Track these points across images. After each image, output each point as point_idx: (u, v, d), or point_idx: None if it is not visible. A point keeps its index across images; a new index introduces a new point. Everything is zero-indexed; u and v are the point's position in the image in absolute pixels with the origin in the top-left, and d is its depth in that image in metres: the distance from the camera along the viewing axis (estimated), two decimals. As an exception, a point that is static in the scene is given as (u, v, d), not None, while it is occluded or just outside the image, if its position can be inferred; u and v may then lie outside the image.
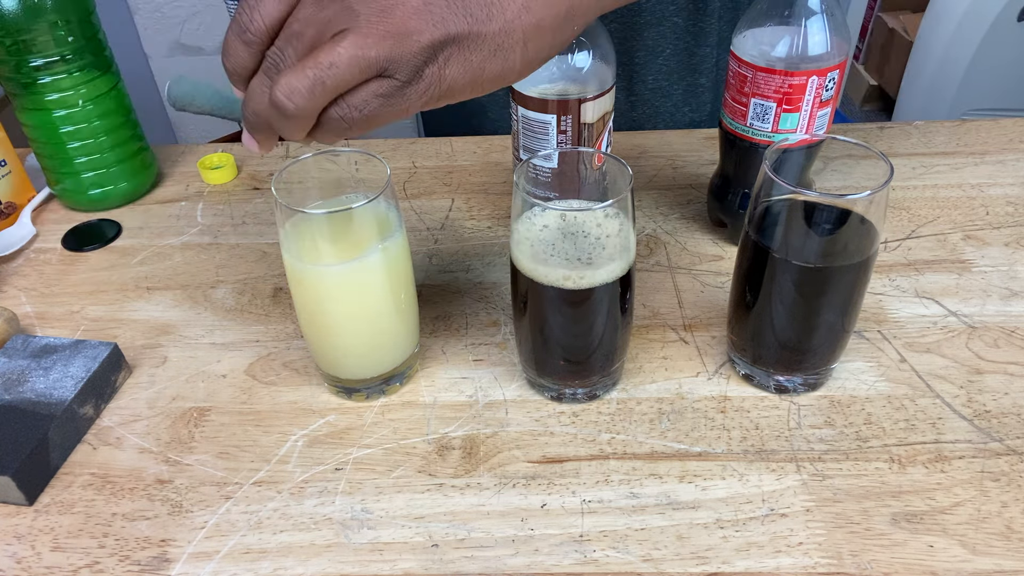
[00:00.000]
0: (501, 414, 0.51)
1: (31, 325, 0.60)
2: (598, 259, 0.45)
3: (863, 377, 0.52)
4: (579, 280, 0.44)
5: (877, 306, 0.57)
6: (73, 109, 0.67)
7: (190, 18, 1.91)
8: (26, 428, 0.47)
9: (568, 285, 0.44)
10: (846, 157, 0.46)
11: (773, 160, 0.45)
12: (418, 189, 0.73)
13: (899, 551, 0.42)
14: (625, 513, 0.44)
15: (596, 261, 0.45)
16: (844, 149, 0.46)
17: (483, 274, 0.63)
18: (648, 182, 0.72)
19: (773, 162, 0.44)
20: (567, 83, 0.56)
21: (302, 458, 0.48)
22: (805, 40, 0.52)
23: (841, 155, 0.47)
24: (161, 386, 0.54)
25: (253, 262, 0.65)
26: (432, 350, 0.56)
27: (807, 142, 0.51)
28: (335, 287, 0.47)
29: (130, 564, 0.43)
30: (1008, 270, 0.60)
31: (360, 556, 0.43)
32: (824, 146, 0.48)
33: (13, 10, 0.61)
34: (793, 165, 0.50)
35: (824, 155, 0.49)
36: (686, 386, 0.52)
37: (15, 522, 0.46)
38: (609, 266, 0.45)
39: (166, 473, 0.48)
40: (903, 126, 0.78)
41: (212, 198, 0.74)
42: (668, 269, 0.62)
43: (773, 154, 0.45)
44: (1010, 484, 0.45)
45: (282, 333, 0.58)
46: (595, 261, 0.45)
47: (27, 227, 0.69)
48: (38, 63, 0.64)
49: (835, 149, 0.47)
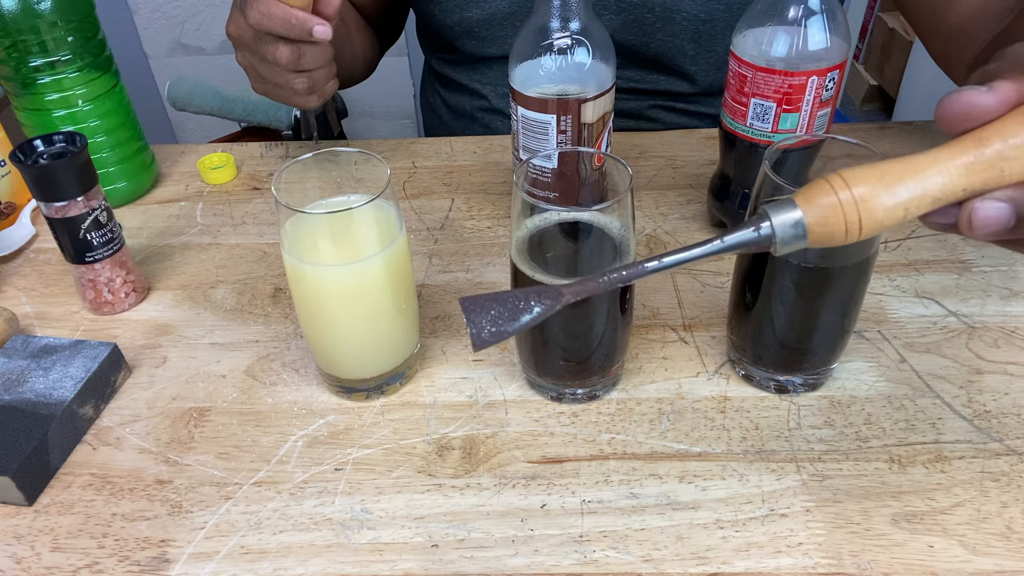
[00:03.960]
0: (501, 414, 0.51)
1: (31, 325, 0.60)
2: (598, 259, 0.45)
3: (863, 377, 0.52)
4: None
5: (877, 306, 0.57)
6: (73, 109, 0.67)
7: (190, 18, 1.91)
8: (26, 428, 0.47)
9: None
10: (846, 157, 0.46)
11: (773, 160, 0.45)
12: (418, 189, 0.73)
13: (899, 551, 0.42)
14: (625, 513, 0.44)
15: (596, 261, 0.45)
16: (844, 149, 0.46)
17: (483, 274, 0.63)
18: (648, 182, 0.72)
19: (773, 162, 0.44)
20: (567, 83, 0.56)
21: (302, 458, 0.48)
22: (805, 40, 0.52)
23: (841, 155, 0.47)
24: (161, 386, 0.54)
25: (253, 262, 0.65)
26: (432, 350, 0.56)
27: (807, 142, 0.51)
28: (335, 287, 0.47)
29: (130, 564, 0.43)
30: (1008, 270, 0.60)
31: (360, 556, 0.43)
32: (824, 146, 0.48)
33: (13, 10, 0.61)
34: (793, 165, 0.50)
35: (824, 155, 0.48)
36: (686, 386, 0.52)
37: (15, 522, 0.46)
38: (609, 266, 0.45)
39: (166, 473, 0.48)
40: (903, 126, 0.78)
41: (212, 198, 0.74)
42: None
43: (773, 154, 0.45)
44: (1010, 484, 0.45)
45: (282, 333, 0.58)
46: (595, 261, 0.45)
47: (27, 227, 0.69)
48: (38, 63, 0.64)
49: (835, 149, 0.47)
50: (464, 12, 0.77)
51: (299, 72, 0.61)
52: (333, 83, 0.66)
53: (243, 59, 0.64)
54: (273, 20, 0.56)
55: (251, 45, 0.61)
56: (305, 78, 0.62)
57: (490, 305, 0.34)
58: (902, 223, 0.33)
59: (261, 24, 0.57)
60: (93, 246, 0.56)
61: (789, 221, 0.33)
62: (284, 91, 0.63)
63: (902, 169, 0.32)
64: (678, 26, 0.75)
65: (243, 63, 0.64)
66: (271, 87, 0.64)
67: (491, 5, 0.76)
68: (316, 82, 0.63)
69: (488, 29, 0.78)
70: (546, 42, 0.55)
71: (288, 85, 0.62)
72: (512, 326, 0.34)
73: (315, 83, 0.63)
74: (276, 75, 0.62)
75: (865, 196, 0.32)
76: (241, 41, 0.62)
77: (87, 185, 0.55)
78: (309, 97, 0.64)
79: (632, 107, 0.82)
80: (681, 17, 0.74)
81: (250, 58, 0.63)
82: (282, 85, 0.62)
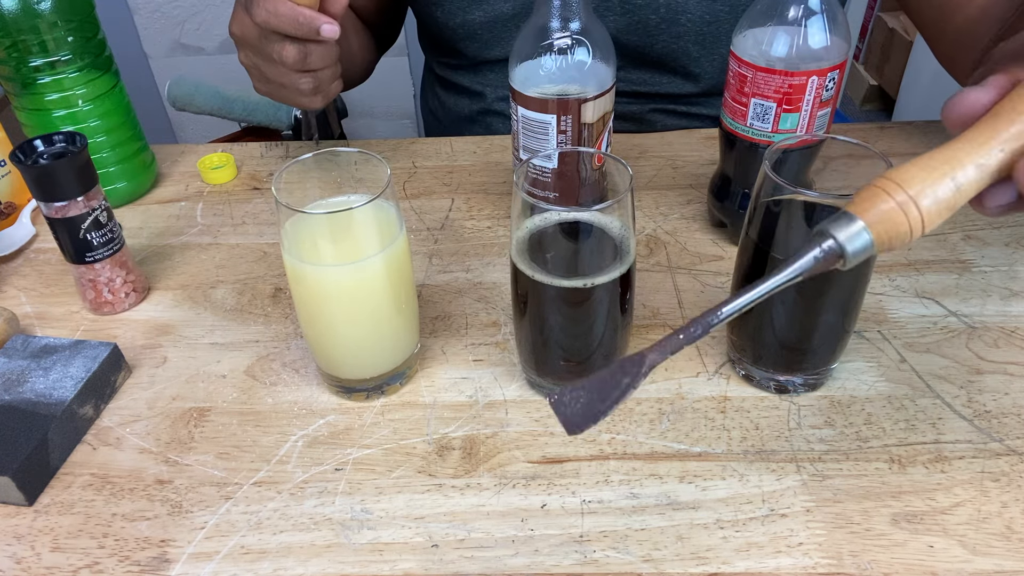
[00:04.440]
0: (501, 414, 0.51)
1: (31, 325, 0.60)
2: (598, 259, 0.45)
3: (863, 377, 0.52)
4: (579, 280, 0.44)
5: (877, 306, 0.57)
6: (73, 109, 0.67)
7: (190, 18, 1.91)
8: (26, 428, 0.47)
9: (568, 285, 0.44)
10: (846, 157, 0.46)
11: (773, 160, 0.45)
12: (418, 189, 0.73)
13: (899, 551, 0.42)
14: (625, 513, 0.44)
15: (596, 261, 0.45)
16: (844, 149, 0.46)
17: (483, 274, 0.63)
18: (648, 182, 0.72)
19: (773, 162, 0.44)
20: (567, 83, 0.56)
21: (302, 458, 0.48)
22: (805, 40, 0.52)
23: (841, 155, 0.47)
24: (161, 386, 0.54)
25: (253, 262, 0.65)
26: (432, 350, 0.56)
27: (807, 142, 0.51)
28: (335, 287, 0.47)
29: (130, 564, 0.43)
30: (1008, 270, 0.60)
31: (360, 556, 0.43)
32: (824, 146, 0.48)
33: (13, 10, 0.61)
34: (793, 165, 0.50)
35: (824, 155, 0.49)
36: (686, 386, 0.52)
37: (15, 522, 0.46)
38: (609, 266, 0.45)
39: (166, 473, 0.48)
40: (903, 126, 0.78)
41: (212, 198, 0.74)
42: (668, 269, 0.62)
43: (773, 154, 0.45)
44: (1010, 484, 0.45)
45: (282, 333, 0.58)
46: (595, 261, 0.45)
47: (27, 227, 0.69)
48: (38, 63, 0.64)
49: (835, 149, 0.47)
50: (466, 15, 0.77)
51: (305, 72, 0.60)
52: (338, 83, 0.65)
53: (246, 59, 0.63)
54: (280, 18, 0.56)
55: (255, 44, 0.60)
56: (310, 78, 0.61)
57: (578, 395, 0.34)
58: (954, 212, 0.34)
59: (268, 22, 0.56)
60: (93, 246, 0.57)
61: (854, 233, 0.34)
62: (288, 91, 0.63)
63: (944, 161, 0.33)
64: (682, 27, 0.75)
65: (246, 63, 0.63)
66: (275, 87, 0.63)
67: (493, 7, 0.76)
68: (321, 82, 0.62)
69: (490, 31, 0.78)
70: (546, 42, 0.55)
71: (293, 85, 0.61)
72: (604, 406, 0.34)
73: (320, 83, 0.62)
74: (281, 75, 0.61)
75: (920, 194, 0.33)
76: (245, 40, 0.61)
77: (87, 185, 0.55)
78: (314, 97, 0.63)
79: (633, 110, 0.82)
80: (686, 19, 0.74)
81: (254, 58, 0.62)
82: (287, 85, 0.62)
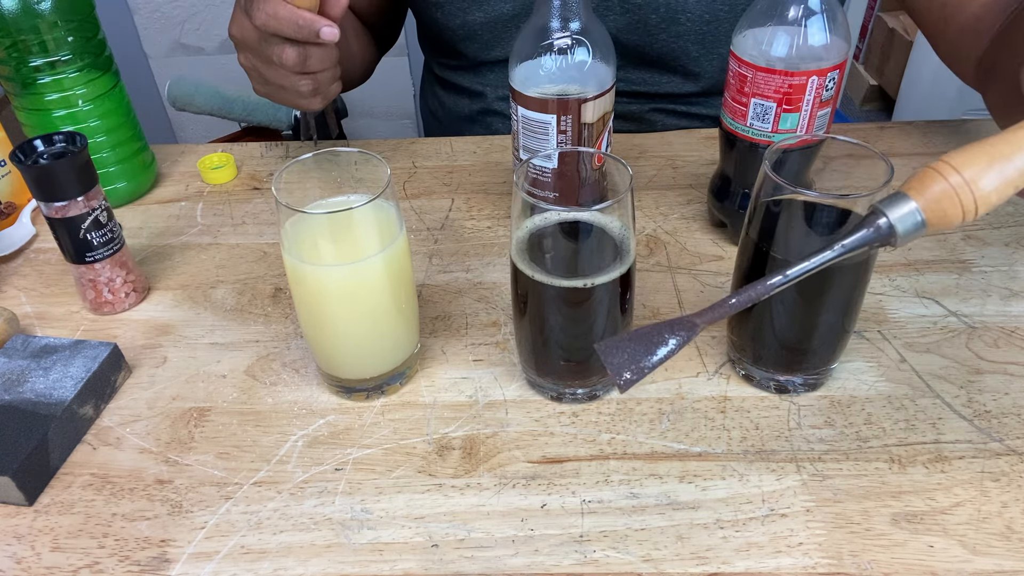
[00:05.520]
0: (501, 414, 0.51)
1: (31, 325, 0.60)
2: (598, 259, 0.45)
3: (863, 377, 0.52)
4: (579, 280, 0.44)
5: (877, 306, 0.57)
6: (73, 109, 0.67)
7: (190, 18, 1.91)
8: (26, 428, 0.47)
9: (568, 285, 0.44)
10: (846, 157, 0.46)
11: (773, 160, 0.45)
12: (418, 189, 0.73)
13: (899, 551, 0.42)
14: (625, 513, 0.44)
15: (596, 261, 0.45)
16: (844, 149, 0.46)
17: (483, 274, 0.63)
18: (648, 182, 0.72)
19: (773, 162, 0.44)
20: (567, 83, 0.56)
21: (302, 458, 0.48)
22: (805, 40, 0.52)
23: (841, 155, 0.47)
24: (161, 386, 0.54)
25: (253, 262, 0.65)
26: (432, 350, 0.56)
27: (807, 142, 0.51)
28: (335, 287, 0.47)
29: (130, 564, 0.43)
30: (1008, 270, 0.60)
31: (360, 556, 0.43)
32: (824, 146, 0.48)
33: (13, 10, 0.61)
34: (793, 165, 0.50)
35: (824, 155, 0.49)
36: (686, 386, 0.52)
37: (15, 522, 0.46)
38: (609, 266, 0.45)
39: (166, 473, 0.48)
40: (903, 126, 0.78)
41: (212, 198, 0.74)
42: (668, 269, 0.62)
43: (773, 154, 0.45)
44: (1010, 484, 0.45)
45: (282, 333, 0.58)
46: (595, 261, 0.45)
47: (27, 227, 0.69)
48: (38, 63, 0.64)
49: (835, 149, 0.47)
50: (467, 15, 0.77)
51: (304, 74, 0.60)
52: (337, 85, 0.65)
53: (246, 61, 0.63)
54: (280, 21, 0.56)
55: (255, 47, 0.60)
56: (310, 80, 0.61)
57: (625, 345, 0.35)
58: (1009, 197, 0.35)
59: (267, 25, 0.56)
60: (93, 246, 0.56)
61: (906, 213, 0.34)
62: (288, 93, 0.63)
63: (1004, 145, 0.34)
64: (682, 27, 0.75)
65: (245, 65, 0.63)
66: (274, 89, 0.63)
67: (493, 8, 0.76)
68: (321, 84, 0.62)
69: (491, 32, 0.78)
70: (546, 42, 0.55)
71: (292, 87, 0.61)
72: (651, 361, 0.34)
73: (320, 85, 0.62)
74: (280, 77, 0.61)
75: (975, 178, 0.33)
76: (244, 43, 0.61)
77: (87, 185, 0.55)
78: (313, 99, 0.63)
79: (633, 110, 0.82)
80: (686, 18, 0.74)
81: (253, 60, 0.62)
82: (286, 87, 0.62)
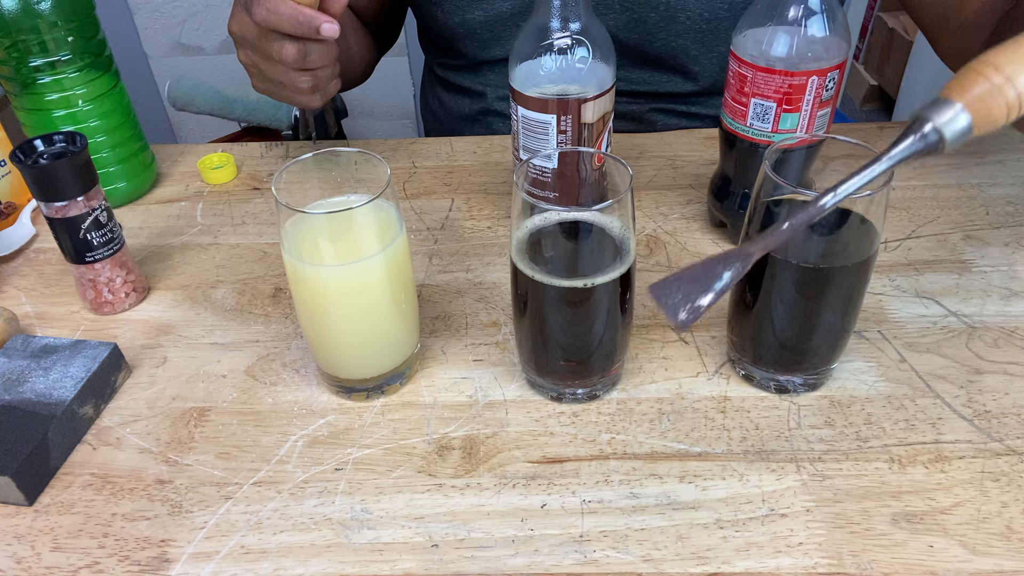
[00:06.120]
0: (501, 414, 0.51)
1: (31, 325, 0.60)
2: (598, 259, 0.45)
3: (863, 377, 0.52)
4: (579, 280, 0.44)
5: (877, 306, 0.57)
6: (73, 109, 0.67)
7: (190, 18, 1.91)
8: (26, 428, 0.47)
9: (568, 285, 0.44)
10: (846, 157, 0.46)
11: (773, 160, 0.45)
12: (418, 189, 0.73)
13: (899, 551, 0.42)
14: (625, 513, 0.44)
15: (596, 261, 0.45)
16: (844, 149, 0.46)
17: (483, 274, 0.63)
18: (648, 182, 0.72)
19: (773, 162, 0.44)
20: (567, 83, 0.56)
21: (302, 458, 0.48)
22: (805, 40, 0.52)
23: (841, 155, 0.47)
24: (161, 386, 0.54)
25: (253, 262, 0.65)
26: (432, 350, 0.56)
27: (807, 142, 0.51)
28: (335, 287, 0.47)
29: (130, 564, 0.43)
30: (1008, 270, 0.60)
31: (360, 556, 0.43)
32: (824, 146, 0.48)
33: (13, 10, 0.61)
34: (793, 165, 0.50)
35: (824, 155, 0.49)
36: (686, 386, 0.52)
37: (15, 522, 0.46)
38: (609, 266, 0.45)
39: (166, 473, 0.48)
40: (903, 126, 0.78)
41: (212, 198, 0.74)
42: (668, 269, 0.62)
43: (773, 154, 0.45)
44: (1010, 484, 0.45)
45: (282, 333, 0.58)
46: (595, 261, 0.45)
47: (27, 227, 0.69)
48: (38, 63, 0.64)
49: (835, 149, 0.47)
50: (466, 14, 0.77)
51: (304, 71, 0.61)
52: (336, 82, 0.65)
53: (245, 57, 0.63)
54: (280, 17, 0.56)
55: (255, 43, 0.60)
56: (310, 77, 0.61)
57: (678, 285, 0.34)
58: None
59: (268, 21, 0.56)
60: (93, 246, 0.57)
61: (952, 117, 0.34)
62: (287, 90, 0.63)
63: None
64: (682, 25, 0.75)
65: (245, 61, 0.63)
66: (274, 86, 0.63)
67: (493, 7, 0.76)
68: (320, 81, 0.62)
69: (490, 31, 0.78)
70: (546, 42, 0.55)
71: (292, 84, 0.61)
72: (707, 298, 0.33)
73: (319, 82, 0.62)
74: (280, 73, 0.61)
75: (1016, 74, 0.33)
76: (244, 39, 0.61)
77: (87, 185, 0.55)
78: (312, 96, 0.63)
79: (632, 110, 0.82)
80: (685, 16, 0.74)
81: (253, 56, 0.62)
82: (286, 84, 0.62)
